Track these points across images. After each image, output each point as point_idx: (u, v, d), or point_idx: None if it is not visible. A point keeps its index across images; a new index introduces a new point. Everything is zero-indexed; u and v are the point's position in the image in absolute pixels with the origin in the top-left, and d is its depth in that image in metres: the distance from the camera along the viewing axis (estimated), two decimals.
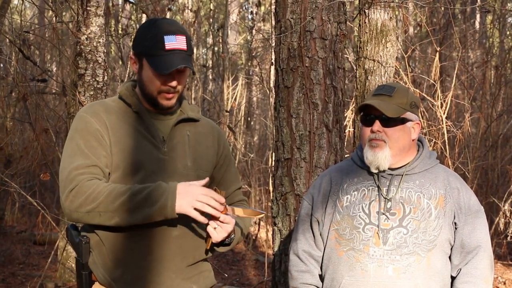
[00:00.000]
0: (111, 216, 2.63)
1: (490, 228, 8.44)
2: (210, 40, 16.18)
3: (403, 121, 3.00)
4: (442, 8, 10.16)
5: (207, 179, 2.75)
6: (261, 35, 12.80)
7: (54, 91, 11.75)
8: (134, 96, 2.86)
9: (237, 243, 2.98)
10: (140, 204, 2.61)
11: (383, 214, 2.96)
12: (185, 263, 2.82)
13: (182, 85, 2.83)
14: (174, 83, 2.78)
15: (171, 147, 2.84)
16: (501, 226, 8.70)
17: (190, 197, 2.63)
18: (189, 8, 14.18)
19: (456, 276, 2.99)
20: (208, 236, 2.78)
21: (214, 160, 2.99)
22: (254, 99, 16.54)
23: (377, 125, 2.99)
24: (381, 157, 2.97)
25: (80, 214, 2.66)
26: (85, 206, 2.63)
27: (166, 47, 2.72)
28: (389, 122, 2.98)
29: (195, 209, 2.63)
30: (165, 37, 2.73)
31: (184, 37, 2.78)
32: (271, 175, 8.76)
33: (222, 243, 2.86)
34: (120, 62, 11.94)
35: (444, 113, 7.99)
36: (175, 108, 2.91)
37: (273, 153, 4.67)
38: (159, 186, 2.64)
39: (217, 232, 2.74)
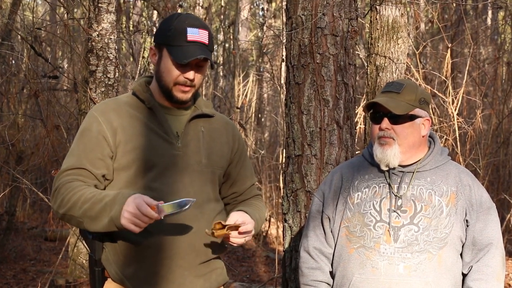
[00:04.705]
0: (80, 221, 2.66)
1: (501, 225, 8.41)
2: (221, 36, 16.18)
3: (412, 117, 2.99)
4: (454, 4, 10.11)
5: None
6: (272, 32, 12.78)
7: (65, 87, 11.79)
8: (147, 92, 2.87)
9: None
10: (99, 213, 2.60)
11: (394, 211, 2.95)
12: (198, 260, 2.82)
13: (199, 80, 2.84)
14: (191, 75, 2.78)
15: (185, 143, 2.84)
16: None
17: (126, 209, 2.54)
18: (200, 4, 14.18)
19: (468, 273, 2.98)
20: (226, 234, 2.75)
21: (229, 156, 2.99)
22: (265, 95, 16.54)
23: (385, 122, 2.98)
24: (390, 155, 2.96)
25: (60, 215, 2.71)
26: (61, 208, 2.69)
27: (188, 38, 2.75)
28: (398, 119, 2.97)
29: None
30: (188, 29, 2.76)
31: (207, 32, 2.81)
32: (281, 171, 8.75)
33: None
34: (131, 59, 11.95)
35: (455, 110, 7.96)
36: (189, 103, 2.91)
37: (284, 150, 4.66)
38: (116, 196, 2.60)
39: (240, 238, 2.80)
